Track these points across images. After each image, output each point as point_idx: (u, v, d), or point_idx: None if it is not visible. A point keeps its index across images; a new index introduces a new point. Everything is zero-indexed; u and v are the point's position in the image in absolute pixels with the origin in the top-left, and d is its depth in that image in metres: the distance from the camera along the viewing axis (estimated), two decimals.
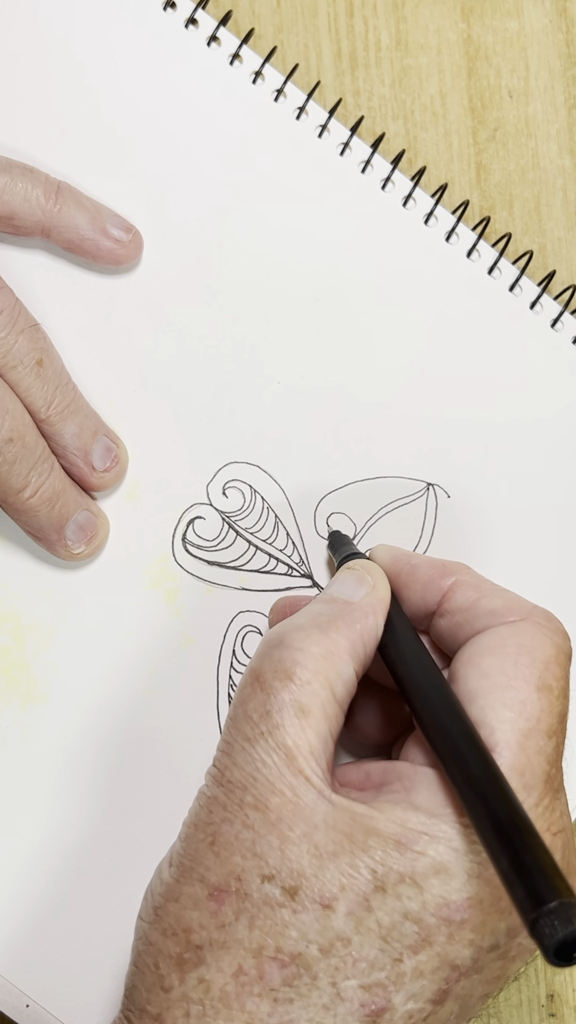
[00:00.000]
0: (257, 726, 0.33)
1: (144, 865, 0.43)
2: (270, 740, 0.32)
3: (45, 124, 0.44)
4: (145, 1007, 0.32)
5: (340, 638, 0.34)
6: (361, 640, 0.35)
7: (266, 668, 0.34)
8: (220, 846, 0.32)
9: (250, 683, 0.34)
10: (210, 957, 0.31)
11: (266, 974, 0.31)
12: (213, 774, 0.34)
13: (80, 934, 0.43)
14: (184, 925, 0.32)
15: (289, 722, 0.32)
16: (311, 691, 0.33)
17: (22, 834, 0.43)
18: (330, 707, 0.33)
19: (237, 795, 0.32)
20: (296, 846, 0.31)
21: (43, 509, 0.41)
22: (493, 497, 0.44)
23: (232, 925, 0.31)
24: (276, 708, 0.33)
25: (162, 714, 0.43)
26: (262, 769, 0.32)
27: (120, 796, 0.43)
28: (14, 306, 0.40)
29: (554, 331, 0.44)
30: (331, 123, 0.44)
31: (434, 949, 0.31)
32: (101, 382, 0.44)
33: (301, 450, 0.44)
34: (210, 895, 0.32)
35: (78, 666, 0.44)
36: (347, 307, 0.44)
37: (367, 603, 0.36)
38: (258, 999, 0.31)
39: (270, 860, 0.31)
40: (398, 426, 0.44)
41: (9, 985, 0.43)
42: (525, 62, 0.45)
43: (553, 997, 0.45)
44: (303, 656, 0.33)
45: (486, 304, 0.44)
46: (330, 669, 0.33)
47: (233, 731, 0.34)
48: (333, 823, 0.31)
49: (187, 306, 0.44)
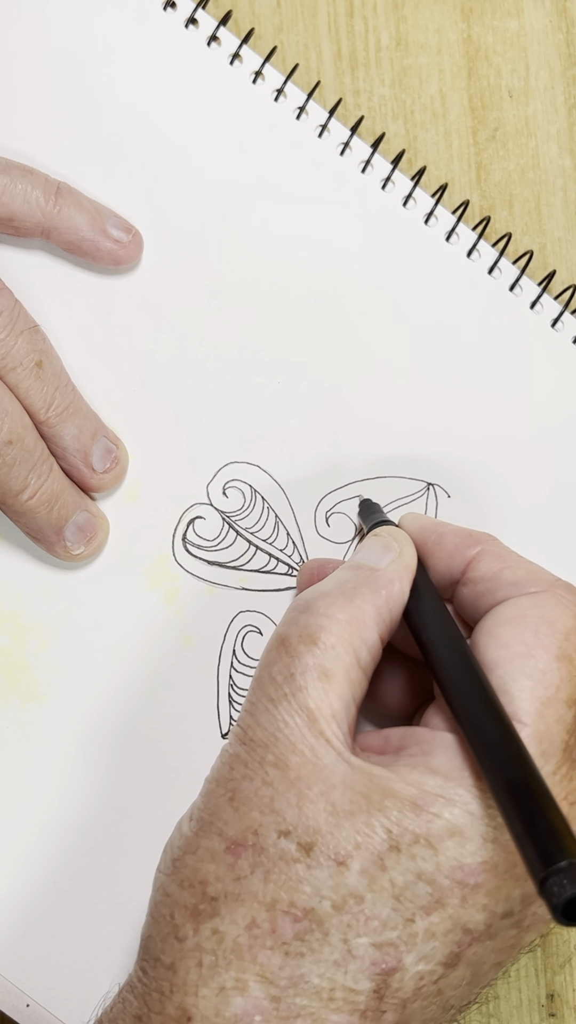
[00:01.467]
0: (280, 688, 0.33)
1: (144, 864, 0.43)
2: (293, 702, 0.33)
3: (45, 124, 0.44)
4: (159, 956, 0.32)
5: (365, 604, 0.35)
6: (387, 606, 0.35)
7: (291, 632, 0.34)
8: (239, 801, 0.32)
9: (275, 646, 0.34)
10: (224, 909, 0.32)
11: (279, 928, 0.31)
12: (236, 733, 0.34)
13: (80, 933, 0.43)
14: (200, 877, 0.32)
15: (312, 685, 0.33)
16: (335, 656, 0.33)
17: (22, 834, 0.43)
18: (353, 672, 0.34)
19: (258, 753, 0.33)
20: (313, 804, 0.32)
21: (42, 511, 0.41)
22: (493, 497, 0.44)
23: (247, 878, 0.32)
24: (300, 671, 0.33)
25: (162, 714, 0.43)
26: (284, 729, 0.33)
27: (120, 796, 0.43)
28: (13, 307, 0.40)
29: (554, 331, 0.44)
30: (331, 123, 0.44)
31: (447, 911, 0.31)
32: (101, 382, 0.44)
33: (301, 450, 0.44)
34: (227, 848, 0.32)
35: (78, 666, 0.44)
36: (347, 307, 0.44)
37: (393, 570, 0.36)
38: (270, 952, 0.31)
39: (287, 816, 0.32)
40: (398, 426, 0.44)
41: (9, 985, 0.43)
42: (525, 62, 0.45)
43: (553, 997, 0.45)
44: (328, 622, 0.34)
45: (486, 304, 0.44)
46: (355, 635, 0.34)
47: (257, 692, 0.34)
48: (351, 783, 0.32)
49: (187, 306, 0.44)
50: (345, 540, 0.44)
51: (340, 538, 0.44)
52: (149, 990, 0.32)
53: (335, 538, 0.44)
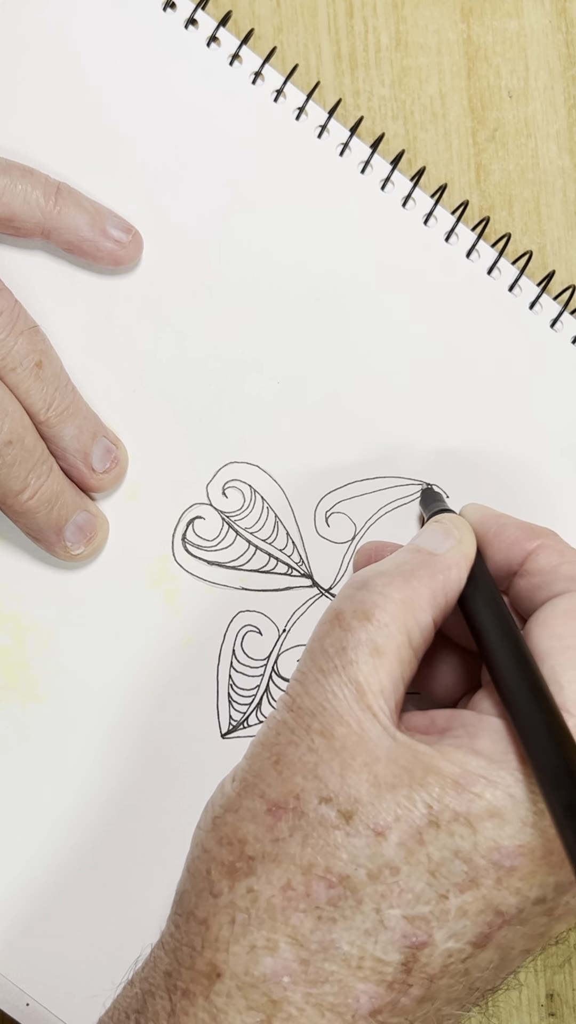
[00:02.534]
0: (332, 660, 0.34)
1: (145, 864, 0.43)
2: (343, 674, 0.33)
3: (45, 125, 0.44)
4: (193, 911, 0.33)
5: (422, 587, 0.35)
6: (443, 590, 0.35)
7: (346, 608, 0.35)
8: (283, 765, 0.33)
9: (329, 620, 0.35)
10: (261, 869, 0.32)
11: (313, 891, 0.31)
12: (285, 700, 0.34)
13: (80, 933, 0.43)
14: (240, 835, 0.33)
15: (363, 660, 0.33)
16: (388, 633, 0.34)
17: (22, 833, 0.43)
18: (404, 652, 0.34)
19: (305, 721, 0.33)
20: (356, 774, 0.32)
21: (42, 511, 0.41)
22: (492, 497, 0.44)
23: (286, 840, 0.32)
24: (352, 645, 0.34)
25: (162, 714, 0.43)
26: (332, 700, 0.33)
27: (120, 795, 0.43)
28: (13, 308, 0.41)
29: (553, 331, 0.44)
30: (331, 123, 0.44)
31: (480, 891, 0.31)
32: (101, 382, 0.44)
33: (301, 450, 0.44)
34: (268, 810, 0.32)
35: (78, 666, 0.44)
36: (347, 307, 0.44)
37: (452, 556, 0.36)
38: (303, 915, 0.31)
39: (330, 783, 0.32)
40: (397, 426, 0.44)
41: (9, 984, 0.43)
42: (525, 62, 0.45)
43: (553, 997, 0.45)
44: (383, 600, 0.34)
45: (485, 304, 0.44)
46: (408, 615, 0.34)
47: (308, 662, 0.34)
48: (394, 757, 0.32)
49: (187, 306, 0.44)
50: (345, 540, 0.44)
51: (340, 538, 0.44)
52: (180, 944, 0.33)
53: (335, 538, 0.44)
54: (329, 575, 0.44)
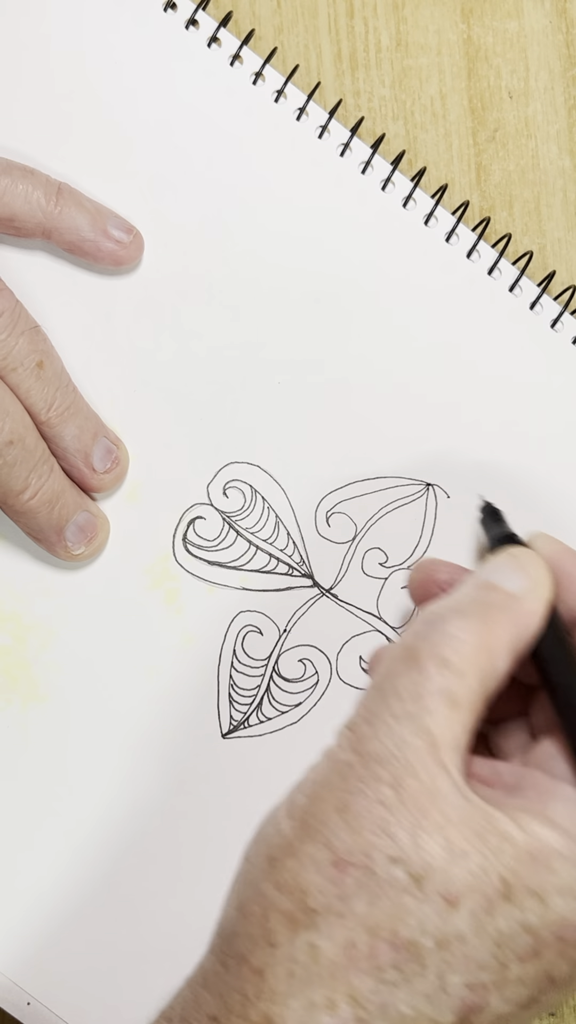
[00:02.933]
0: (405, 705, 0.32)
1: (145, 864, 0.43)
2: (417, 723, 0.32)
3: (45, 125, 0.44)
4: (247, 957, 0.32)
5: (502, 632, 0.33)
6: (521, 639, 0.34)
7: (423, 648, 0.33)
8: (351, 816, 0.31)
9: (403, 659, 0.33)
10: (323, 924, 0.31)
11: (377, 954, 0.31)
12: (350, 739, 0.33)
13: (81, 932, 0.43)
14: (301, 885, 0.31)
15: (440, 711, 0.32)
16: (466, 684, 0.32)
17: (22, 834, 0.43)
18: (479, 703, 0.33)
19: (373, 768, 0.32)
20: (429, 836, 0.31)
21: (43, 511, 0.41)
22: (493, 497, 0.44)
23: (352, 898, 0.31)
24: (429, 693, 0.32)
25: (162, 714, 0.43)
26: (404, 749, 0.32)
27: (120, 796, 0.43)
28: (15, 308, 0.41)
29: (554, 331, 0.44)
30: (331, 124, 0.44)
31: (541, 963, 0.31)
32: (101, 382, 0.44)
33: (301, 450, 0.44)
34: (334, 862, 0.31)
35: (79, 666, 0.44)
36: (347, 307, 0.44)
37: (533, 602, 0.35)
38: (364, 976, 0.31)
39: (401, 843, 0.31)
40: (398, 426, 0.44)
41: (10, 983, 0.43)
42: (525, 63, 0.45)
43: None
44: (463, 646, 0.33)
45: (486, 305, 0.44)
46: (486, 664, 0.33)
47: (379, 703, 0.33)
48: (467, 820, 0.31)
49: (187, 306, 0.44)
50: (345, 540, 0.44)
51: (340, 538, 0.44)
52: (230, 989, 0.32)
53: (335, 538, 0.44)
54: (330, 575, 0.44)
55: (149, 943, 0.43)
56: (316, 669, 0.44)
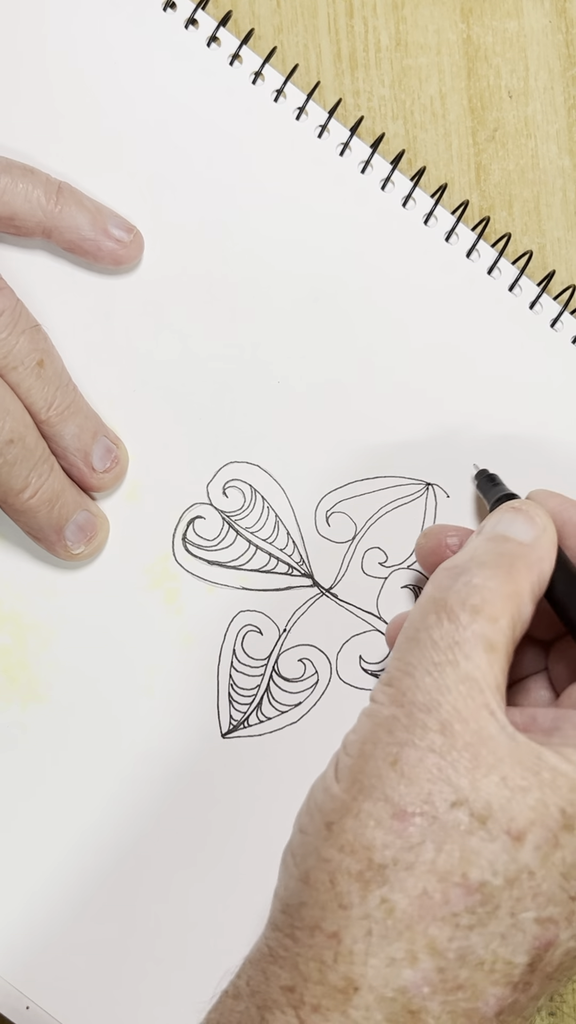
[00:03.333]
0: (444, 653, 0.33)
1: (145, 865, 0.43)
2: (459, 670, 0.32)
3: (45, 125, 0.44)
4: (319, 924, 0.32)
5: (523, 580, 0.34)
6: (539, 583, 0.35)
7: (452, 599, 0.33)
8: (405, 766, 0.32)
9: (434, 610, 0.33)
10: (394, 877, 0.31)
11: (451, 899, 0.31)
12: (389, 694, 0.33)
13: (80, 935, 0.43)
14: (365, 843, 0.31)
15: (478, 656, 0.32)
16: (499, 628, 0.33)
17: (22, 834, 0.43)
18: (511, 647, 0.34)
19: (419, 717, 0.32)
20: (486, 776, 0.31)
21: (43, 510, 0.41)
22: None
23: (419, 847, 0.31)
24: (466, 640, 0.33)
25: (162, 714, 0.43)
26: (448, 696, 0.32)
27: (120, 796, 0.43)
28: (15, 307, 0.41)
29: (553, 331, 0.44)
30: (331, 123, 0.44)
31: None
32: (101, 382, 0.44)
33: (301, 450, 0.44)
34: (395, 815, 0.31)
35: (79, 666, 0.44)
36: (347, 307, 0.44)
37: (542, 546, 0.36)
38: (441, 923, 0.31)
39: (460, 786, 0.31)
40: (398, 425, 0.44)
41: (9, 987, 0.43)
42: (525, 62, 0.45)
43: (553, 996, 0.45)
44: (491, 594, 0.33)
45: (486, 304, 0.44)
46: (515, 609, 0.34)
47: (416, 654, 0.33)
48: (519, 759, 0.31)
49: (187, 306, 0.44)
50: (345, 539, 0.44)
51: (340, 537, 0.44)
52: (305, 959, 0.31)
53: (335, 537, 0.44)
54: (329, 575, 0.44)
55: (149, 946, 0.43)
56: (316, 669, 0.44)
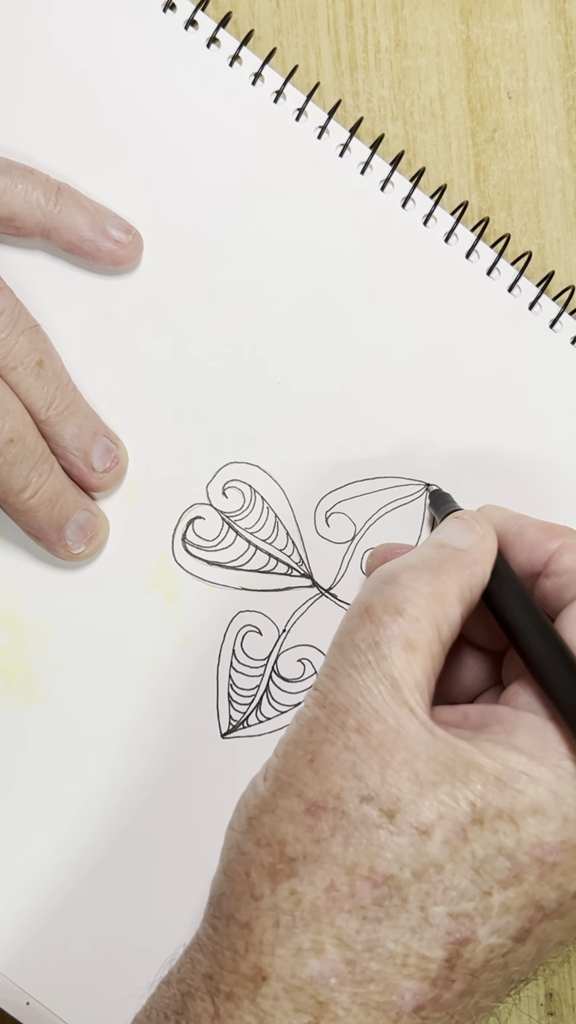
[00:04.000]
0: (364, 655, 0.33)
1: (144, 863, 0.43)
2: (377, 670, 0.33)
3: (45, 125, 0.44)
4: (233, 915, 0.32)
5: (450, 581, 0.35)
6: (469, 585, 0.35)
7: (376, 602, 0.34)
8: (320, 764, 0.32)
9: (359, 614, 0.34)
10: (303, 870, 0.32)
11: (358, 892, 0.31)
12: (315, 697, 0.34)
13: (80, 932, 0.43)
14: (279, 837, 0.32)
15: (397, 655, 0.33)
16: (419, 628, 0.33)
17: (22, 833, 0.43)
18: (435, 646, 0.34)
19: (339, 718, 0.33)
20: (397, 772, 0.32)
21: (43, 509, 0.41)
22: (492, 497, 0.44)
23: (327, 841, 0.32)
24: (385, 640, 0.33)
25: (162, 714, 0.43)
26: (367, 696, 0.33)
27: (120, 795, 0.43)
28: (15, 307, 0.41)
29: (553, 332, 0.44)
30: (330, 124, 0.44)
31: (523, 887, 0.31)
32: (101, 382, 0.44)
33: (301, 450, 0.44)
34: (307, 810, 0.32)
35: (78, 666, 0.44)
36: (346, 307, 0.44)
37: (477, 551, 0.36)
38: (348, 915, 0.31)
39: (370, 782, 0.32)
40: (397, 426, 0.44)
41: (9, 983, 0.43)
42: (524, 63, 0.46)
43: (552, 996, 0.45)
44: (414, 594, 0.34)
45: (485, 305, 0.44)
46: (438, 610, 0.34)
47: (339, 657, 0.34)
48: (434, 754, 0.32)
49: (187, 306, 0.44)
50: (345, 540, 0.44)
51: (340, 538, 0.44)
52: (221, 948, 0.32)
53: (335, 538, 0.44)
54: (329, 575, 0.44)
55: (149, 943, 0.43)
56: (315, 669, 0.44)
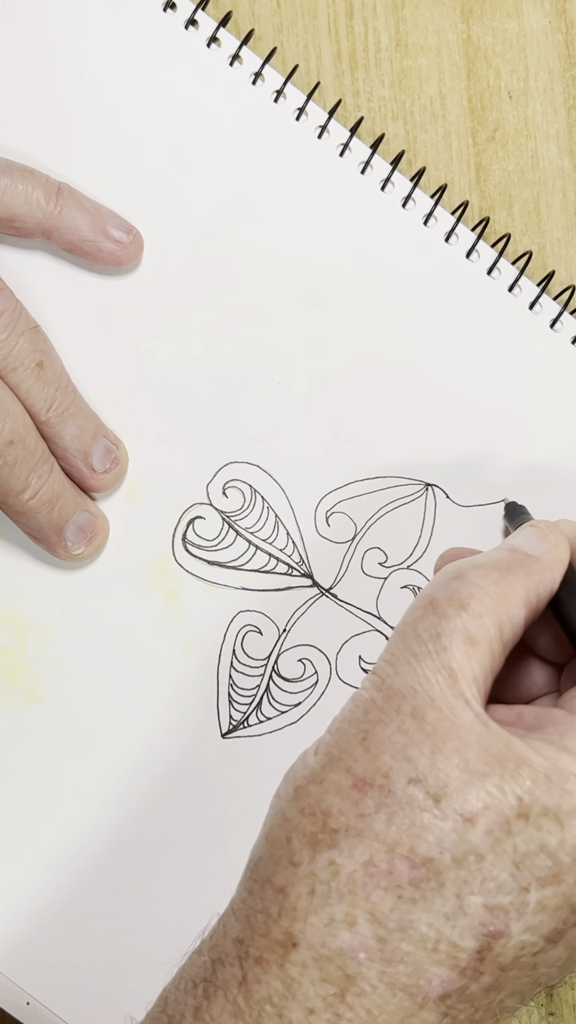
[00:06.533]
0: (425, 644, 0.34)
1: (145, 863, 0.43)
2: (437, 660, 0.33)
3: (45, 125, 0.44)
4: (270, 878, 0.32)
5: (517, 584, 0.35)
6: (536, 591, 0.35)
7: (441, 596, 0.34)
8: (371, 743, 0.33)
9: (423, 606, 0.35)
10: (344, 843, 0.32)
11: (396, 870, 0.31)
12: (373, 681, 0.34)
13: (81, 932, 0.43)
14: (324, 807, 0.32)
15: (457, 647, 0.33)
16: (482, 625, 0.34)
17: (22, 833, 0.43)
18: (496, 644, 0.34)
19: (395, 702, 0.33)
20: (447, 758, 0.32)
21: (43, 511, 0.41)
22: (492, 498, 0.44)
23: (371, 817, 0.32)
24: (447, 632, 0.34)
25: (162, 714, 0.43)
26: (424, 684, 0.33)
27: (120, 796, 0.43)
28: (15, 308, 0.41)
29: (553, 331, 0.44)
30: (331, 124, 0.44)
31: (561, 888, 0.31)
32: (101, 383, 0.44)
33: (301, 450, 0.44)
34: (354, 785, 0.32)
35: (78, 666, 0.44)
36: (347, 307, 0.44)
37: (548, 558, 0.36)
38: (383, 892, 0.31)
39: (419, 765, 0.32)
40: (397, 426, 0.44)
41: (10, 983, 0.43)
42: (524, 63, 0.45)
43: (552, 996, 0.45)
44: (480, 592, 0.34)
45: (485, 304, 0.44)
46: (503, 609, 0.34)
47: (400, 644, 0.34)
48: (486, 746, 0.32)
49: (187, 307, 0.44)
50: (345, 540, 0.44)
51: (340, 538, 0.44)
52: (254, 911, 0.32)
53: (335, 538, 0.44)
54: (329, 575, 0.44)
55: (149, 943, 0.43)
56: (316, 669, 0.44)
